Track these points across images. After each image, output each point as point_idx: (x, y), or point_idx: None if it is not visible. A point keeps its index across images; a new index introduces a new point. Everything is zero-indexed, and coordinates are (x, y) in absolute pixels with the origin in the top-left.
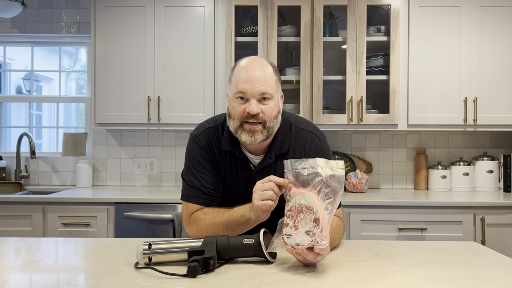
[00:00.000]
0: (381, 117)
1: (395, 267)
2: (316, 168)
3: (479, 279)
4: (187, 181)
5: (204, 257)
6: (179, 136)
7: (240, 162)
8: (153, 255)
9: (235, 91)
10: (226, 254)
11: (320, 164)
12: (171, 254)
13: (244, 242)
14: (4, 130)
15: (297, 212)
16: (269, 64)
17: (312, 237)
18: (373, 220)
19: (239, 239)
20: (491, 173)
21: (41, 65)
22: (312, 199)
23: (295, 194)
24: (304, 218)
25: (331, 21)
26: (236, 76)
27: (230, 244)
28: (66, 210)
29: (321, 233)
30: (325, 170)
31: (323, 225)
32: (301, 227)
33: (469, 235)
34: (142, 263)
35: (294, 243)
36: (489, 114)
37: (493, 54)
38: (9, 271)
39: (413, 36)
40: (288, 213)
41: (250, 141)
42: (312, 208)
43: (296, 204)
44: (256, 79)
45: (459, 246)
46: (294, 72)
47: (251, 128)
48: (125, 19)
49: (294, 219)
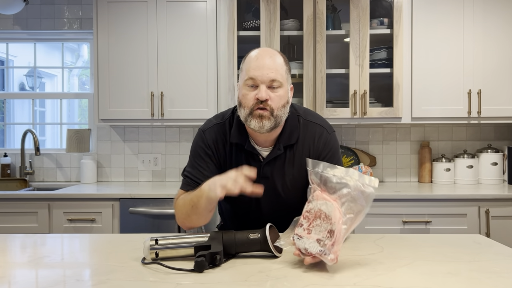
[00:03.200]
0: (384, 110)
1: (402, 260)
2: (347, 180)
3: (486, 272)
4: (185, 171)
5: (210, 252)
6: (183, 131)
7: (249, 155)
8: (160, 250)
9: (246, 77)
10: (233, 248)
11: (353, 177)
12: (178, 249)
13: (250, 236)
14: (8, 127)
15: (315, 217)
16: (280, 54)
17: (322, 248)
18: (378, 214)
19: (245, 234)
20: (496, 166)
21: (44, 62)
22: (334, 209)
23: (318, 198)
24: (320, 225)
25: (334, 14)
26: (247, 65)
27: (236, 239)
28: (71, 206)
29: (332, 246)
30: (356, 184)
31: (336, 238)
32: (314, 233)
33: (473, 227)
34: (149, 259)
35: (303, 247)
36: (493, 106)
37: (497, 46)
38: (16, 267)
39: (417, 29)
40: (306, 214)
41: (259, 127)
42: (330, 218)
43: (316, 208)
44: (266, 66)
45: (464, 239)
46: (297, 66)
47: (260, 113)
48: (127, 15)
49: (310, 222)
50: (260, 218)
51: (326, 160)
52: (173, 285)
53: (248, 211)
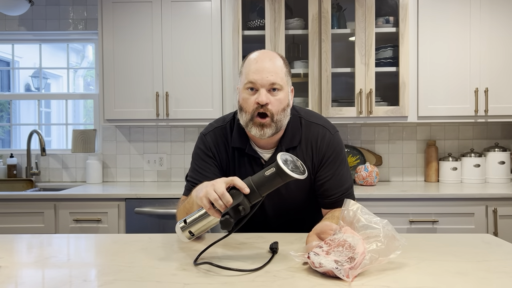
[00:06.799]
0: (390, 109)
1: (410, 260)
2: (380, 226)
3: (496, 272)
4: (187, 175)
5: (232, 206)
6: (188, 131)
7: (250, 158)
8: (191, 227)
9: (245, 81)
10: (256, 194)
11: (387, 227)
12: (207, 218)
13: (266, 174)
14: (14, 128)
15: (338, 245)
16: (280, 56)
17: (338, 267)
18: (384, 213)
19: (261, 174)
20: (503, 164)
21: (49, 63)
22: (359, 243)
23: (346, 232)
24: (341, 251)
25: (339, 13)
26: (246, 68)
27: (255, 184)
28: (77, 207)
29: (349, 270)
30: (387, 233)
31: (355, 265)
32: (333, 255)
33: (481, 227)
34: (186, 239)
35: (318, 261)
36: (500, 105)
37: (503, 44)
38: (22, 268)
39: (423, 27)
40: (329, 241)
41: (260, 135)
42: (354, 249)
43: (341, 239)
44: (266, 69)
45: (473, 238)
46: (302, 65)
47: (261, 122)
48: (132, 15)
49: (331, 247)
50: (264, 221)
51: (330, 161)
52: (181, 285)
53: (252, 214)
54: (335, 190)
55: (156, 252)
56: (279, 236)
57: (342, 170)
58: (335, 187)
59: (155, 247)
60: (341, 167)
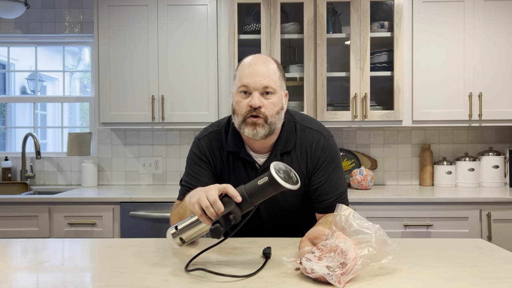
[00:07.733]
0: (385, 113)
1: (402, 265)
2: (372, 231)
3: (487, 277)
4: (182, 180)
5: (223, 215)
6: (184, 134)
7: (245, 163)
8: (182, 234)
9: (239, 85)
10: (248, 203)
11: (379, 232)
12: (198, 225)
13: (259, 183)
14: (9, 130)
15: (330, 250)
16: (273, 60)
17: (330, 272)
18: (379, 217)
19: (254, 182)
20: (497, 169)
21: (45, 65)
22: (351, 248)
23: (339, 237)
24: (333, 257)
25: (334, 18)
26: (240, 72)
27: (247, 192)
28: (72, 210)
29: (341, 275)
30: (379, 238)
31: (347, 271)
32: (325, 261)
33: (475, 231)
34: (176, 246)
35: (310, 267)
36: (494, 109)
37: (498, 49)
38: (16, 272)
39: (417, 32)
40: (321, 246)
41: (253, 134)
42: (346, 254)
43: (333, 244)
44: (259, 73)
45: (465, 243)
46: (298, 69)
47: (253, 121)
48: (128, 18)
49: (323, 253)
50: (259, 225)
51: (325, 166)
52: None
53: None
54: (329, 195)
55: (149, 257)
56: (273, 240)
57: (336, 175)
58: (329, 192)
59: (148, 252)
60: (336, 172)
